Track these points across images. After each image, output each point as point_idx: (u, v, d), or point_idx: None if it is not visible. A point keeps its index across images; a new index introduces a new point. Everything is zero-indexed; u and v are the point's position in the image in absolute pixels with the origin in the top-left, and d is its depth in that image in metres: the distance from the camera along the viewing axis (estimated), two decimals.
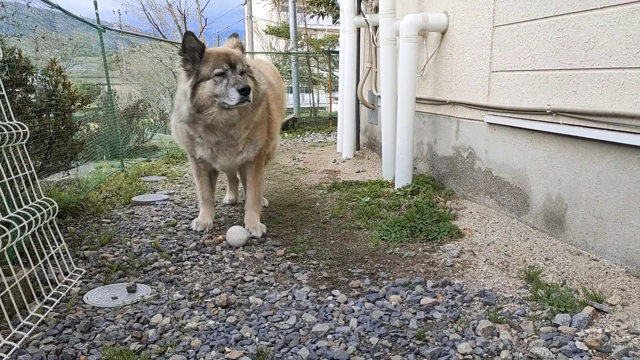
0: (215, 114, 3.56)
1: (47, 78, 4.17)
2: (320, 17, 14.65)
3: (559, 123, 3.50)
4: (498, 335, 2.42)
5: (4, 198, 2.81)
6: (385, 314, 2.66)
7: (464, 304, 2.78)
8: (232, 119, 3.62)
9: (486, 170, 4.44)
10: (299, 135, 12.23)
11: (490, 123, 4.32)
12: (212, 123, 3.62)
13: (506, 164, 4.15)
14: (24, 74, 3.71)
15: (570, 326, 2.48)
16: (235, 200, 5.17)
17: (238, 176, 4.89)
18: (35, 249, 2.94)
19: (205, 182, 4.26)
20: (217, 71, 3.51)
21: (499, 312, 2.66)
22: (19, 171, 2.95)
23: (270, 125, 4.13)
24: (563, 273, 3.09)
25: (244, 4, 28.43)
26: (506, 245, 3.60)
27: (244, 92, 3.43)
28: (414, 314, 2.67)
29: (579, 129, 3.31)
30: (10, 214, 2.75)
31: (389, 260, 3.50)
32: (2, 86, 3.03)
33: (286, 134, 12.36)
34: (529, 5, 3.79)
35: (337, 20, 13.97)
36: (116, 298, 2.90)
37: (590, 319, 2.52)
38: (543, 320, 2.56)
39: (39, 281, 2.87)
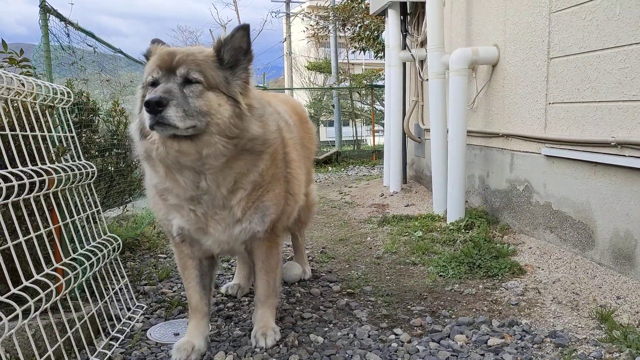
0: (157, 143, 2.28)
1: (111, 119, 4.36)
2: (362, 52, 14.89)
3: (624, 155, 3.38)
4: None
5: (74, 235, 2.91)
6: (452, 355, 2.57)
7: (535, 346, 2.66)
8: (183, 156, 2.26)
9: (545, 204, 4.31)
10: (342, 169, 12.27)
11: (548, 155, 4.21)
12: (160, 160, 2.32)
13: (567, 197, 4.02)
14: (90, 116, 3.89)
15: None
16: (242, 289, 3.58)
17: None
18: (101, 284, 3.02)
19: (193, 277, 2.76)
20: (149, 79, 2.32)
21: (574, 354, 2.53)
22: (87, 208, 3.05)
23: (290, 183, 2.76)
24: (638, 313, 2.93)
25: (283, 41, 29.23)
26: (573, 283, 3.45)
27: (149, 106, 2.12)
28: (482, 355, 2.57)
29: None
30: (80, 251, 2.84)
31: (449, 298, 3.41)
32: (73, 127, 3.19)
33: (330, 168, 12.44)
34: (586, 37, 3.73)
35: (379, 55, 14.17)
36: (178, 334, 2.91)
37: None
38: None
39: (104, 316, 2.93)
